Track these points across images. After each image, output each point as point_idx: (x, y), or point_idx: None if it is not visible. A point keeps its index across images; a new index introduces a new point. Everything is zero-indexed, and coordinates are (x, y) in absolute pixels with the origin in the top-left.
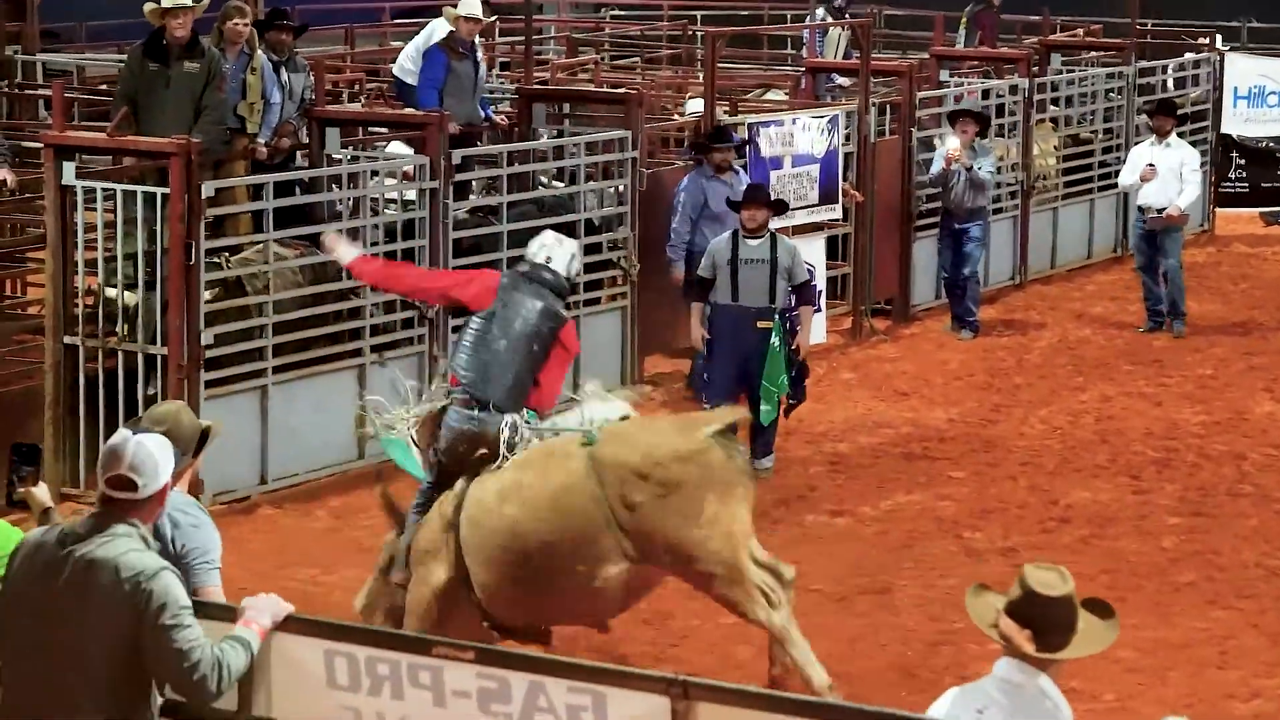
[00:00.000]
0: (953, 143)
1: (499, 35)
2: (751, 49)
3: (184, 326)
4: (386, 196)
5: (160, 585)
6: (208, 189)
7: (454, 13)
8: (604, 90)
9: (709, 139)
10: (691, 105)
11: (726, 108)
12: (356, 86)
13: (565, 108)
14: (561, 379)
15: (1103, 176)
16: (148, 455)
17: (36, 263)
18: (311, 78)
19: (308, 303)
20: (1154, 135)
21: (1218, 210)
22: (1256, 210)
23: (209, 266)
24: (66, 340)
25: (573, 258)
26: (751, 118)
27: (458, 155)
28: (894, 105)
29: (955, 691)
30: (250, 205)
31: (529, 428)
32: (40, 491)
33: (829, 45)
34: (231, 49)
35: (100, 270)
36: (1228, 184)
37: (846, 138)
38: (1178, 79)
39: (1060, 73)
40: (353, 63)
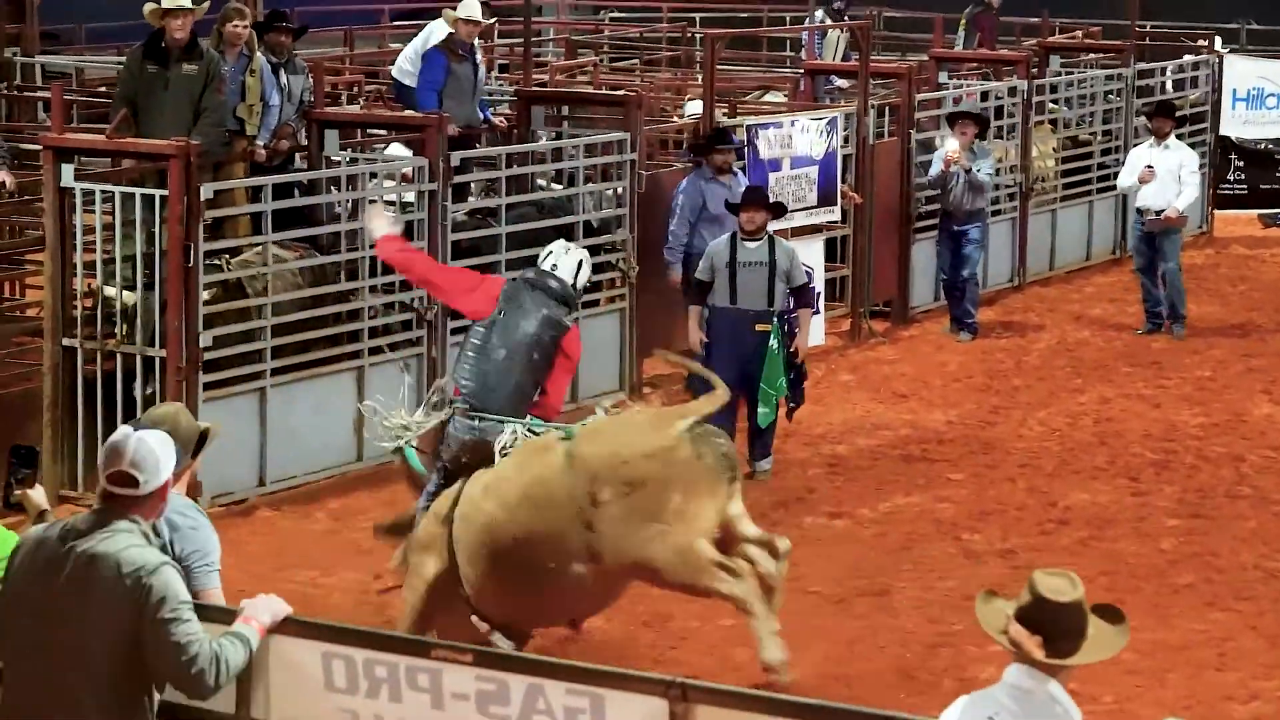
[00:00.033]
0: (952, 144)
1: (498, 37)
2: (751, 51)
3: (183, 328)
4: (385, 198)
5: (161, 580)
6: (206, 191)
7: (453, 15)
8: (603, 92)
9: (708, 141)
10: (690, 107)
11: (725, 110)
12: (355, 88)
13: (564, 110)
14: (566, 386)
15: (1101, 178)
16: (149, 452)
17: (35, 265)
18: (310, 80)
19: (307, 305)
20: (1153, 137)
21: (1216, 212)
22: (1255, 212)
23: (208, 268)
24: (65, 342)
25: (580, 265)
26: (750, 120)
27: (456, 157)
28: (893, 107)
29: (965, 699)
30: (249, 207)
31: (531, 436)
32: (37, 494)
33: (828, 47)
34: (231, 51)
35: (99, 272)
36: (1226, 186)
37: (845, 140)
38: (1176, 81)
39: (1059, 74)
40: (352, 65)
